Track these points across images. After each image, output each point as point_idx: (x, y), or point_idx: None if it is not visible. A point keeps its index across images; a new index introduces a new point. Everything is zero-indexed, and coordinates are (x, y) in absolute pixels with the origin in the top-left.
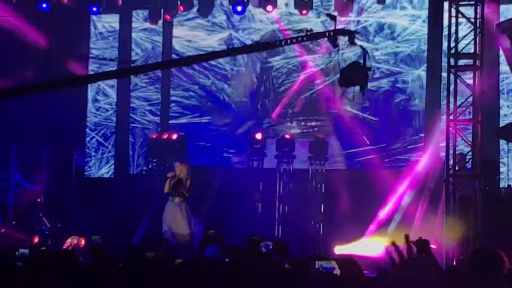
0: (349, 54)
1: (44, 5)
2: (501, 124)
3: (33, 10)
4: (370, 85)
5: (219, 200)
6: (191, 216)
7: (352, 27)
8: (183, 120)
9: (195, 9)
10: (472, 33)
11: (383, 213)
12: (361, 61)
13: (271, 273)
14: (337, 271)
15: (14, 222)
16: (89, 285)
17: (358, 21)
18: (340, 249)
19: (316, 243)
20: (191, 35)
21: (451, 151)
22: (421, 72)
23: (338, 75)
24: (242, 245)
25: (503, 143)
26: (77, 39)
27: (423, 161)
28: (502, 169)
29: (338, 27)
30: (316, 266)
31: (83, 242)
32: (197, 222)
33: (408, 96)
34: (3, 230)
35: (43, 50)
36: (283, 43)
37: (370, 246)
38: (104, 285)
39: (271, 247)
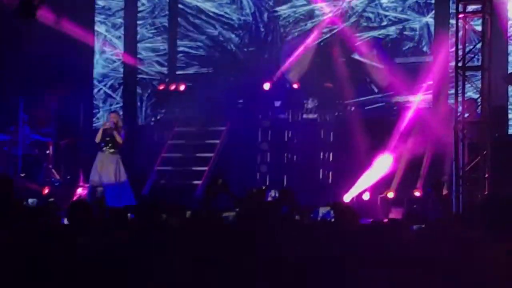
0: (356, 2)
1: None
2: (510, 70)
3: None
4: (377, 33)
5: (227, 150)
6: (121, 167)
7: None
8: (190, 70)
9: None
10: None
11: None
12: None
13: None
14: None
15: (23, 174)
16: (100, 236)
17: None
18: (349, 196)
19: (326, 192)
20: None
21: (460, 98)
22: (429, 19)
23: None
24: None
25: (511, 90)
26: None
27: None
28: (511, 115)
29: None
30: (320, 214)
31: None
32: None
33: (416, 44)
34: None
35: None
36: None
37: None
38: (114, 236)
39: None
